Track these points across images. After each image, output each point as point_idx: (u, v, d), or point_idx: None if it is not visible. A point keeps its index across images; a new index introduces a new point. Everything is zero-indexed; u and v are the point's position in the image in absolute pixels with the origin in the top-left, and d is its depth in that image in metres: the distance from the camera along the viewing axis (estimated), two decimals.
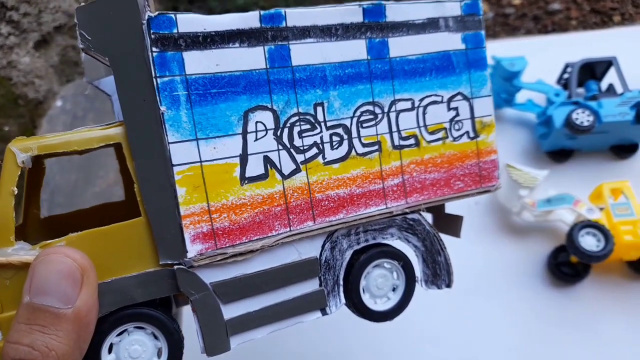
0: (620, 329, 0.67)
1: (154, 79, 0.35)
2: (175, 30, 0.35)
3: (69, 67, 1.02)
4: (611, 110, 0.72)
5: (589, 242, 0.64)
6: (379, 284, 0.43)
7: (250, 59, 0.38)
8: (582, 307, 0.69)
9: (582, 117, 0.71)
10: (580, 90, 0.80)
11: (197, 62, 0.36)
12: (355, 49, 0.41)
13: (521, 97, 0.82)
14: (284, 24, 0.38)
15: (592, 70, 0.80)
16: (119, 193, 0.88)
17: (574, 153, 0.78)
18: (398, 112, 0.43)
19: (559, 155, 0.78)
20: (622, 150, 0.77)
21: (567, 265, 0.69)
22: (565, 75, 0.79)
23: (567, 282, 0.70)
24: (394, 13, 0.42)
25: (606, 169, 0.77)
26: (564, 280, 0.69)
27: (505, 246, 0.74)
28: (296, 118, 0.39)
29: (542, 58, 0.83)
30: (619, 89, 0.76)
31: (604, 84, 0.79)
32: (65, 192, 0.89)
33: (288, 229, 0.39)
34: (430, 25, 0.44)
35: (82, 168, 0.90)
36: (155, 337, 0.36)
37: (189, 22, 0.36)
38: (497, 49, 0.91)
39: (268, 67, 0.38)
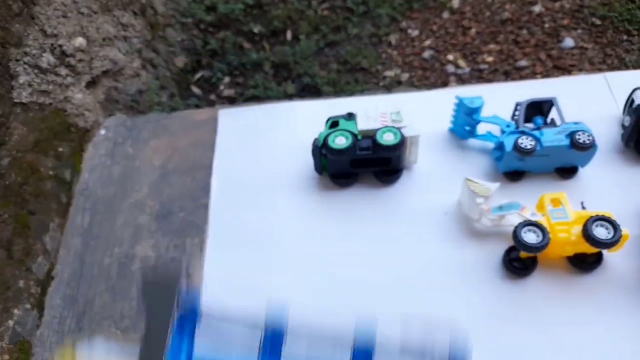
0: (562, 312, 0.81)
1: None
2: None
3: (111, 103, 1.23)
4: (550, 137, 0.90)
5: (530, 237, 0.80)
6: None
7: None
8: (531, 295, 0.84)
9: (526, 142, 0.89)
10: (530, 124, 0.99)
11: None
12: None
13: (481, 129, 1.00)
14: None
15: (539, 108, 0.99)
16: (150, 204, 1.05)
17: (525, 174, 0.96)
18: None
19: (513, 176, 0.95)
20: (565, 172, 0.94)
21: (518, 261, 0.85)
22: (516, 112, 0.98)
23: (519, 275, 0.85)
24: None
25: (551, 187, 0.94)
26: (516, 274, 0.85)
27: (468, 247, 0.90)
28: None
29: (500, 99, 1.03)
30: (559, 122, 0.94)
31: (549, 119, 0.98)
32: (105, 203, 1.06)
33: None
34: None
35: (120, 183, 1.08)
36: None
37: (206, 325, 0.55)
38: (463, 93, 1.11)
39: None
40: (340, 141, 0.93)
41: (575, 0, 1.60)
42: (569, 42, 1.52)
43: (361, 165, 0.96)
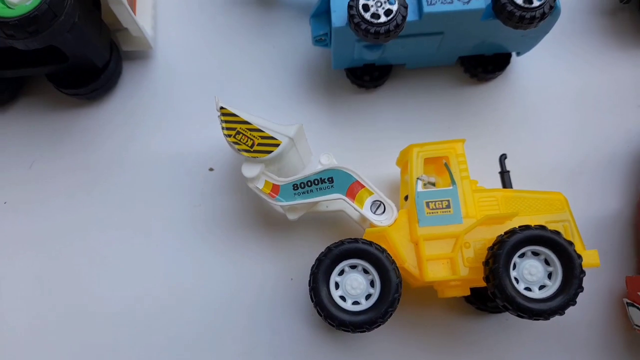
0: None
1: None
2: None
3: None
4: None
5: (354, 285, 0.32)
6: None
7: None
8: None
9: (378, 5, 0.33)
10: None
11: None
12: None
13: None
14: None
15: None
16: None
17: (395, 70, 0.42)
18: None
19: (366, 75, 0.41)
20: (481, 65, 0.41)
21: None
22: None
23: None
24: None
25: (447, 98, 0.42)
26: None
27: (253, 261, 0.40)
28: None
29: None
30: None
31: None
32: None
33: None
34: None
35: None
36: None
37: None
38: None
39: None
40: None
41: None
42: None
43: (2, 62, 0.39)
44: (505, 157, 0.37)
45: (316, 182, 0.36)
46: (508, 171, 0.37)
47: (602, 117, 0.42)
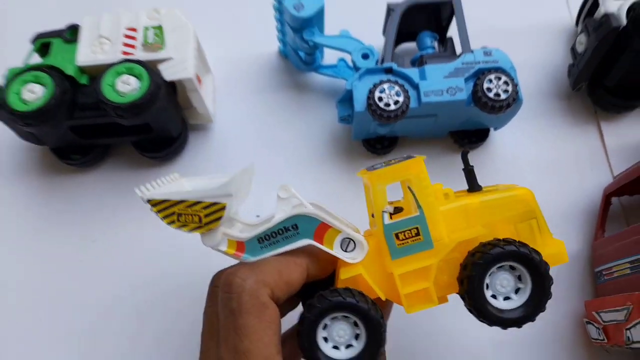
0: None
1: None
2: None
3: None
4: (437, 83, 0.46)
5: (339, 333, 0.40)
6: None
7: None
8: None
9: (389, 96, 0.46)
10: (412, 44, 0.55)
11: None
12: None
13: (330, 56, 0.56)
14: None
15: (435, 16, 0.54)
16: None
17: (401, 140, 0.54)
18: None
19: (378, 144, 0.53)
20: (467, 137, 0.53)
21: None
22: (388, 25, 0.53)
23: None
24: None
25: (440, 164, 0.53)
26: None
27: None
28: None
29: None
30: (459, 48, 0.50)
31: (450, 36, 0.54)
32: None
33: None
34: None
35: None
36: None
37: None
38: None
39: None
40: (30, 94, 0.46)
41: None
42: None
43: (99, 132, 0.51)
44: (468, 152, 0.37)
45: (280, 231, 0.34)
46: (472, 167, 0.36)
47: (563, 178, 0.53)
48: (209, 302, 0.34)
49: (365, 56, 0.49)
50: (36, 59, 0.50)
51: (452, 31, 0.52)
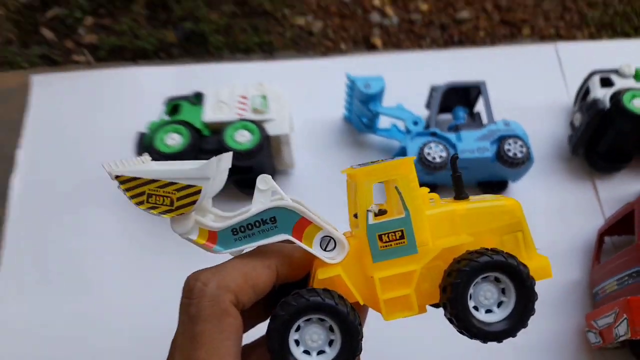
0: None
1: None
2: None
3: None
4: (470, 144, 0.63)
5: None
6: None
7: None
8: None
9: (435, 152, 0.62)
10: (449, 115, 0.72)
11: None
12: None
13: (385, 121, 0.73)
14: None
15: (465, 95, 0.72)
16: None
17: (437, 188, 0.70)
18: None
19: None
20: (490, 187, 0.69)
21: None
22: (432, 100, 0.70)
23: None
24: None
25: None
26: None
27: None
28: None
29: (414, 77, 0.74)
30: (485, 119, 0.67)
31: (476, 110, 0.71)
32: None
33: None
34: None
35: None
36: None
37: None
38: (382, 62, 0.82)
39: None
40: (171, 141, 0.63)
41: None
42: None
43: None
44: (457, 158, 0.36)
45: (257, 223, 0.32)
46: (460, 173, 0.35)
47: (567, 222, 0.68)
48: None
49: (415, 123, 0.66)
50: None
51: (478, 106, 0.70)
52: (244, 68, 0.82)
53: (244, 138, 0.63)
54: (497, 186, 0.69)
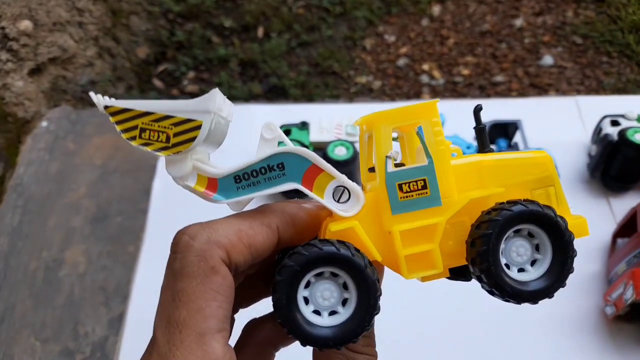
0: None
1: None
2: None
3: (58, 93, 1.16)
4: None
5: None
6: None
7: None
8: None
9: None
10: (493, 147, 0.93)
11: None
12: None
13: None
14: None
15: (504, 130, 0.93)
16: (86, 205, 0.98)
17: None
18: None
19: None
20: None
21: None
22: None
23: None
24: None
25: None
26: None
27: None
28: None
29: (468, 116, 0.97)
30: (521, 147, 0.89)
31: (513, 142, 0.93)
32: (38, 201, 0.99)
33: None
34: None
35: (56, 180, 1.01)
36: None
37: None
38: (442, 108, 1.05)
39: None
40: None
41: (558, 17, 1.55)
42: (548, 59, 1.47)
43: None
44: (481, 109, 0.33)
45: (263, 170, 0.29)
46: (484, 126, 0.33)
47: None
48: None
49: (468, 147, 0.88)
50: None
51: (515, 139, 0.91)
52: (330, 108, 1.07)
53: (342, 152, 0.85)
54: None
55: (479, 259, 0.28)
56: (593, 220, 0.86)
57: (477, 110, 0.33)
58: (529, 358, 0.76)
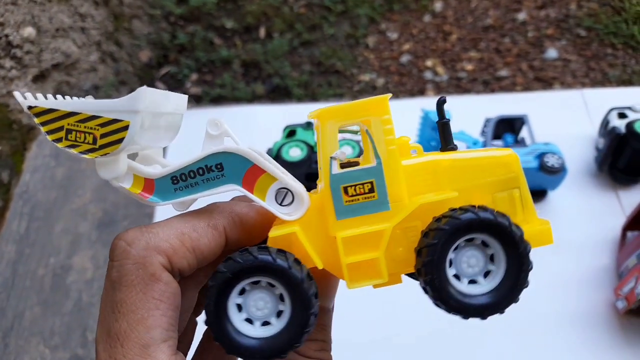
0: None
1: None
2: None
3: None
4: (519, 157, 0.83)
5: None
6: None
7: None
8: None
9: None
10: (499, 142, 0.93)
11: None
12: None
13: None
14: None
15: (510, 125, 0.93)
16: (93, 210, 0.98)
17: None
18: None
19: None
20: (533, 195, 0.88)
21: None
22: (485, 128, 0.92)
23: None
24: None
25: None
26: None
27: None
28: None
29: (473, 111, 0.96)
30: (528, 141, 0.88)
31: (520, 137, 0.92)
32: (44, 208, 0.99)
33: None
34: None
35: (63, 186, 1.01)
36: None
37: None
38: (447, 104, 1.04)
39: None
40: (294, 153, 0.86)
41: (561, 9, 1.54)
42: (552, 53, 1.46)
43: (317, 179, 0.90)
44: (444, 101, 0.31)
45: (200, 171, 0.28)
46: (448, 120, 0.31)
47: (597, 222, 0.86)
48: None
49: (474, 143, 0.87)
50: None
51: (522, 134, 0.90)
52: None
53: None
54: (538, 194, 0.88)
55: (423, 270, 0.26)
56: (602, 214, 0.86)
57: (441, 102, 0.31)
58: (540, 353, 0.76)
